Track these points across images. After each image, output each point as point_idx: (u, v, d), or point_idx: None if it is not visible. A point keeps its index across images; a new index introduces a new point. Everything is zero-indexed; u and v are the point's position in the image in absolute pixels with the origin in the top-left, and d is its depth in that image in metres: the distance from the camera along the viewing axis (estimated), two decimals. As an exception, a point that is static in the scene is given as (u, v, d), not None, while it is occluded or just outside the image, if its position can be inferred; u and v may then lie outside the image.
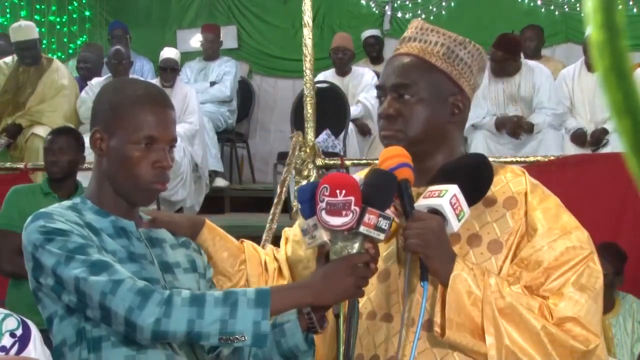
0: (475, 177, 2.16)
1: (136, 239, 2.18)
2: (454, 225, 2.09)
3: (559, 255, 2.12)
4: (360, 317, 2.23)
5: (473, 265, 2.11)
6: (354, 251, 2.04)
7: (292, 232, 2.48)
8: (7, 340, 3.60)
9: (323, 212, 2.01)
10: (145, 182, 2.15)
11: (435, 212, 2.09)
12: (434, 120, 2.22)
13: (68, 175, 5.23)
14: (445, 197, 2.09)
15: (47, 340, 2.87)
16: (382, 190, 2.06)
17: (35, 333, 3.57)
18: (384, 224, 2.02)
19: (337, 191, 2.00)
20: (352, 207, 2.00)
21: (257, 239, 5.55)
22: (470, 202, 2.13)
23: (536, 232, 2.15)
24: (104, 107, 2.20)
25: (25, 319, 3.55)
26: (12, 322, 3.64)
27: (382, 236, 2.03)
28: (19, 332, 3.60)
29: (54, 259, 2.04)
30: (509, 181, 2.23)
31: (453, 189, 2.10)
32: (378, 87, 2.28)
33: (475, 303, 2.07)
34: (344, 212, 2.00)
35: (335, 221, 2.00)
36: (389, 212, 2.07)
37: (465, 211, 2.11)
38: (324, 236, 2.04)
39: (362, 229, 2.01)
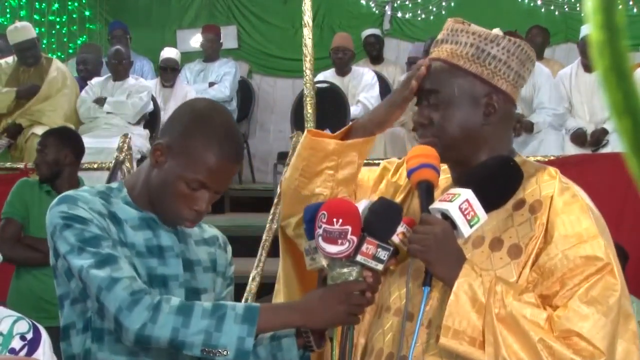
0: (495, 181, 2.11)
1: (164, 230, 2.19)
2: (464, 231, 2.04)
3: (572, 265, 2.05)
4: (388, 311, 2.22)
5: (482, 272, 2.06)
6: (352, 278, 2.02)
7: None
8: (17, 343, 3.62)
9: (320, 239, 1.99)
10: (176, 216, 2.15)
11: (446, 217, 2.05)
12: (466, 124, 2.16)
13: (54, 176, 5.23)
14: (455, 201, 2.04)
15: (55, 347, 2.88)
16: (383, 220, 2.03)
17: (45, 337, 3.59)
18: (382, 254, 2.00)
19: (334, 219, 1.97)
20: (349, 236, 1.97)
21: (257, 239, 5.56)
22: (491, 206, 2.08)
23: (552, 239, 2.09)
24: (179, 126, 2.16)
25: (36, 323, 3.57)
26: (23, 325, 3.66)
27: (380, 266, 2.01)
28: (29, 336, 3.62)
29: (68, 247, 2.06)
30: (541, 184, 2.16)
31: (466, 194, 2.05)
32: (415, 93, 2.25)
33: (480, 310, 2.02)
34: (339, 241, 1.97)
35: (331, 249, 1.98)
36: (397, 237, 2.04)
37: (480, 216, 2.05)
38: (322, 261, 2.02)
39: (359, 258, 1.99)
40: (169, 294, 2.11)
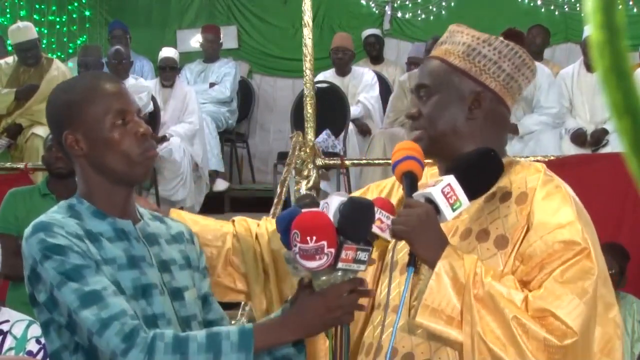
0: (475, 169, 2.16)
1: (135, 240, 2.17)
2: (447, 214, 2.10)
3: (550, 250, 2.11)
4: (379, 308, 2.27)
5: (465, 255, 2.12)
6: (338, 282, 2.02)
7: None
8: (33, 346, 3.62)
9: (297, 256, 1.98)
10: (137, 155, 2.13)
11: (430, 201, 2.11)
12: (452, 118, 2.26)
13: (71, 173, 5.21)
14: (437, 186, 2.11)
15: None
16: (356, 223, 2.03)
17: None
18: (362, 256, 2.00)
19: (308, 237, 1.96)
20: (326, 250, 1.96)
21: (257, 239, 5.56)
22: (473, 194, 2.14)
23: (532, 226, 2.15)
24: (63, 110, 2.17)
25: None
26: (37, 329, 3.66)
27: (362, 267, 2.01)
28: (43, 340, 3.61)
29: (49, 280, 2.03)
30: (527, 177, 2.24)
31: (448, 179, 2.12)
32: (410, 90, 2.38)
33: (459, 291, 2.07)
34: (317, 257, 1.96)
35: (311, 265, 1.97)
36: (377, 228, 2.05)
37: (462, 201, 2.11)
38: (305, 271, 2.02)
39: (340, 265, 1.98)
40: (153, 303, 2.11)
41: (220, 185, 8.34)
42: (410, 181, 2.18)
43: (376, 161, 6.71)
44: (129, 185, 2.20)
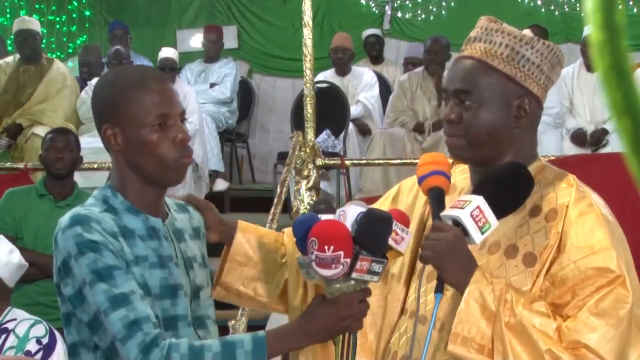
0: (506, 188, 2.10)
1: (164, 239, 2.17)
2: (476, 237, 2.04)
3: (583, 276, 2.04)
4: (405, 314, 2.25)
5: (493, 279, 2.06)
6: (350, 290, 2.04)
7: None
8: (32, 346, 3.62)
9: (313, 264, 2.00)
10: (172, 160, 2.11)
11: (458, 224, 2.05)
12: (497, 125, 2.15)
13: (70, 173, 5.22)
14: (466, 208, 2.04)
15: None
16: (374, 235, 2.03)
17: (60, 345, 3.58)
18: (377, 267, 2.01)
19: (325, 247, 1.97)
20: (342, 260, 1.98)
21: (257, 239, 5.55)
22: (502, 213, 2.08)
23: (565, 249, 2.08)
24: (106, 104, 2.15)
25: (54, 329, 3.55)
26: (40, 330, 3.66)
27: (376, 278, 2.03)
28: (44, 341, 3.62)
29: (81, 277, 2.03)
30: (558, 192, 2.16)
31: (477, 201, 2.05)
32: (443, 90, 2.26)
33: (489, 318, 2.02)
34: (333, 266, 1.98)
35: (326, 273, 1.99)
36: (392, 240, 2.05)
37: (492, 223, 2.04)
38: (318, 277, 2.03)
39: (354, 275, 2.00)
40: (177, 304, 2.12)
41: (220, 185, 8.34)
42: (437, 198, 2.12)
43: (376, 161, 6.71)
44: (161, 187, 2.20)
